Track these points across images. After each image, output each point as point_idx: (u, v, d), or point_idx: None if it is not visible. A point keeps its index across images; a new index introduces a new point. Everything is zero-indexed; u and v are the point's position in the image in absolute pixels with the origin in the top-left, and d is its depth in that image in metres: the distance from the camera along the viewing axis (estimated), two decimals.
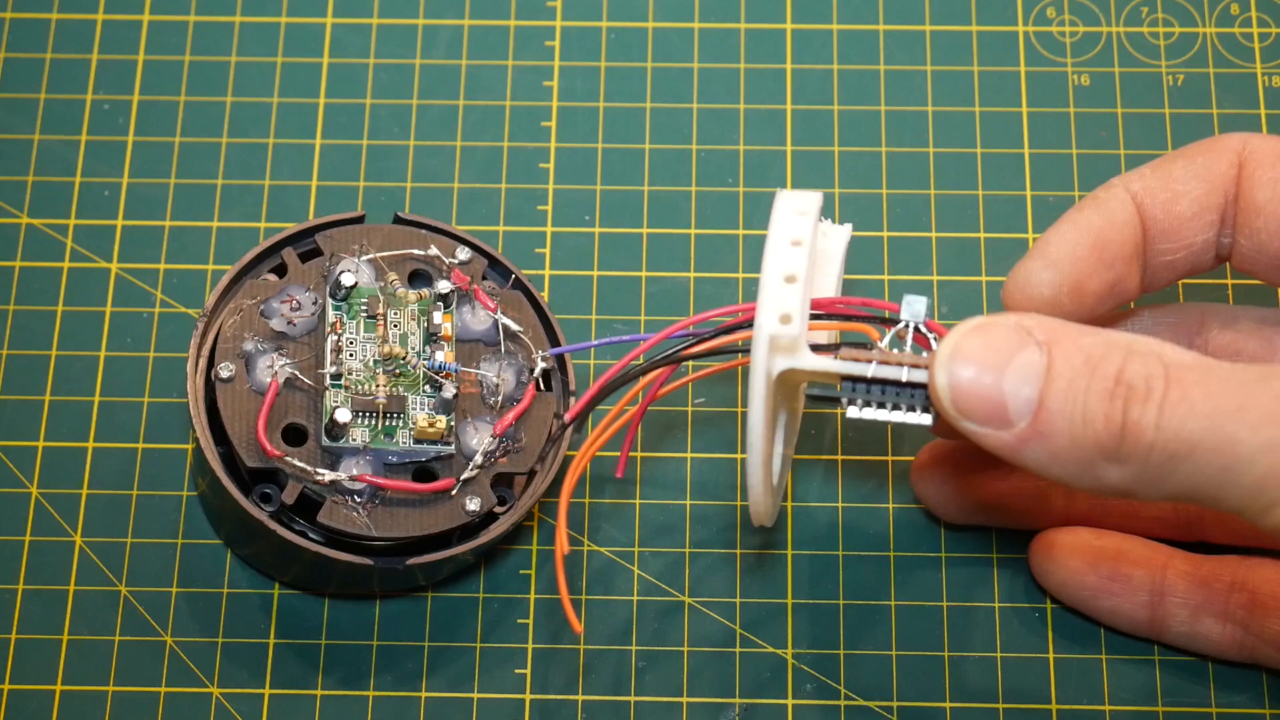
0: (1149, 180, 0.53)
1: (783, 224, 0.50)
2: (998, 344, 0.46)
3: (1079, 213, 0.52)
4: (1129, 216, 0.52)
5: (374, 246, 0.57)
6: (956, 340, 0.47)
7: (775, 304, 0.49)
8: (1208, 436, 0.45)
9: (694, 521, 0.59)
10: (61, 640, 0.58)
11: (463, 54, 0.66)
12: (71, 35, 0.66)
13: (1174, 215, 0.52)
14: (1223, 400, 0.45)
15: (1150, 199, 0.52)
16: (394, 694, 0.57)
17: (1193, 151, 0.53)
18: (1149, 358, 0.46)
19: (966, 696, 0.57)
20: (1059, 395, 0.46)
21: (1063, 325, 0.47)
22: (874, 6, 0.66)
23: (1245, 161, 0.52)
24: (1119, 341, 0.46)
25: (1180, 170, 0.52)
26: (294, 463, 0.54)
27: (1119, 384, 0.45)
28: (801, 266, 0.49)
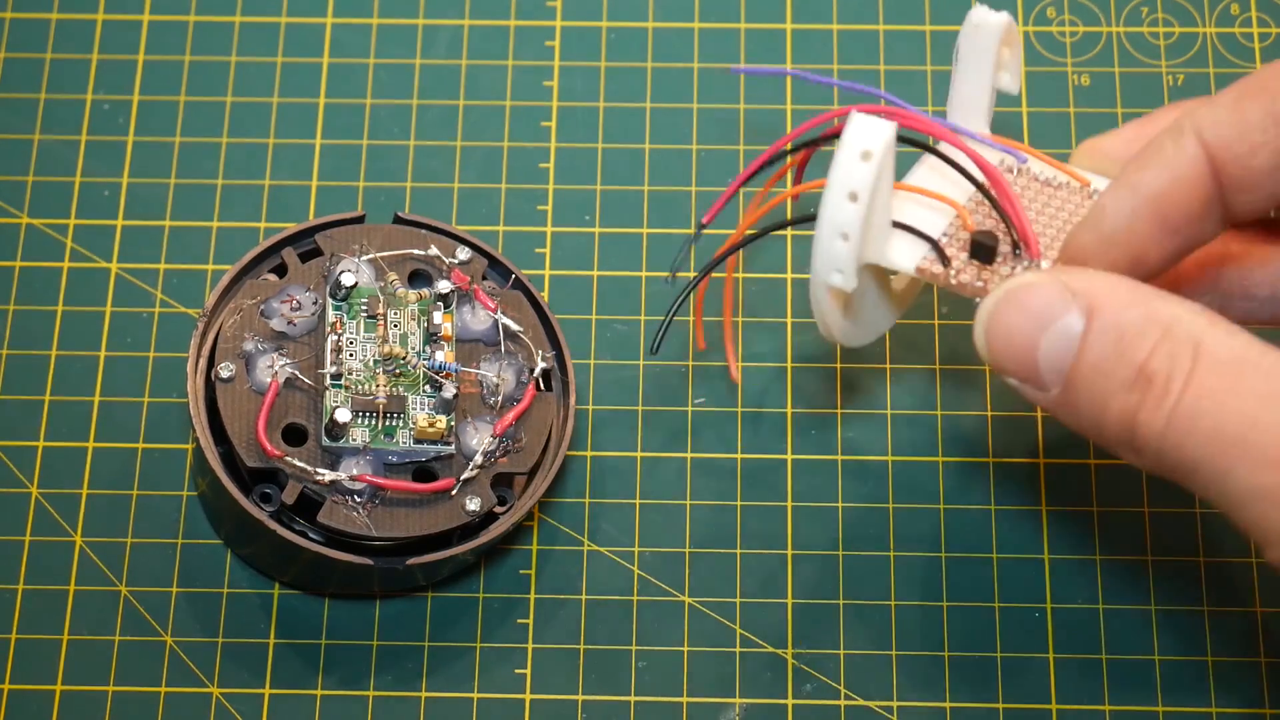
0: (1223, 128, 0.47)
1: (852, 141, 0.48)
2: (1038, 307, 0.46)
3: (1141, 172, 0.47)
4: (1199, 174, 0.47)
5: (374, 246, 0.57)
6: (997, 303, 0.46)
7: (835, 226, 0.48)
8: (1206, 463, 0.44)
9: (694, 521, 0.59)
10: (61, 640, 0.58)
11: (463, 54, 0.66)
12: (71, 35, 0.66)
13: (1252, 170, 0.47)
14: (1231, 423, 0.43)
15: (1224, 151, 0.47)
16: (394, 694, 0.57)
17: (1270, 85, 0.46)
18: (1183, 345, 0.44)
19: (966, 696, 0.57)
20: (1085, 375, 0.45)
21: (1110, 288, 0.45)
22: (874, 6, 0.66)
23: None
24: (1162, 317, 0.44)
25: (1257, 115, 0.46)
26: (294, 463, 0.54)
27: (1140, 375, 0.44)
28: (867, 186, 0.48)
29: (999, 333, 0.46)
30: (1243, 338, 0.44)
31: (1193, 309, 0.45)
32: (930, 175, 0.52)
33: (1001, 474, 0.60)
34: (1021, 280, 0.46)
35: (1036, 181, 0.52)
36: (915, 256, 0.50)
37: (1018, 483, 0.60)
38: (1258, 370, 0.43)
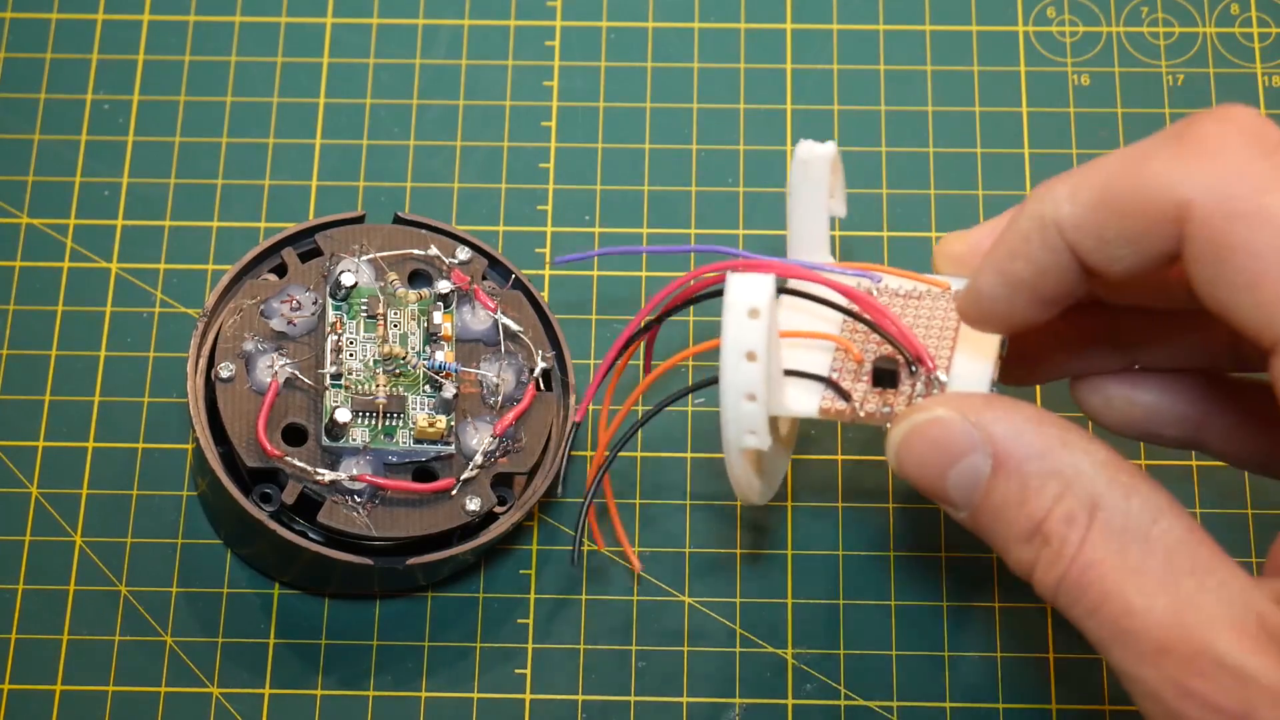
0: (1082, 235, 0.45)
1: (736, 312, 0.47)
2: (945, 443, 0.46)
3: (1011, 262, 0.47)
4: (1066, 263, 0.46)
5: (374, 246, 0.57)
6: (905, 434, 0.47)
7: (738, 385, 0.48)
8: (1090, 633, 0.44)
9: (694, 521, 0.59)
10: (61, 640, 0.58)
11: (463, 54, 0.66)
12: (71, 35, 0.66)
13: (1113, 274, 0.46)
14: (1112, 606, 0.44)
15: (1083, 251, 0.46)
16: (394, 694, 0.57)
17: (1126, 196, 0.45)
18: (1080, 505, 0.44)
19: (966, 696, 0.57)
20: (989, 516, 0.46)
21: (1016, 434, 0.46)
22: (874, 6, 0.66)
23: (1189, 235, 0.44)
24: (1064, 471, 0.45)
25: (1113, 231, 0.45)
26: (294, 463, 0.54)
27: (1037, 533, 0.45)
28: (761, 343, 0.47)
29: (909, 460, 0.47)
30: (1138, 500, 0.44)
31: (1095, 459, 0.45)
32: (795, 316, 0.52)
33: None
34: (929, 414, 0.47)
35: (898, 296, 0.52)
36: (814, 400, 0.50)
37: None
38: (1144, 545, 0.44)
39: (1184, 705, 0.43)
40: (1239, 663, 0.42)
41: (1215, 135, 0.44)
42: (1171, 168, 0.44)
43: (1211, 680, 0.42)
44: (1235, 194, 0.43)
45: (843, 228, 0.63)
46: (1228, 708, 0.42)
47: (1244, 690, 0.42)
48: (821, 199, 0.53)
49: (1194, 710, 0.42)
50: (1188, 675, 0.43)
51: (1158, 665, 0.43)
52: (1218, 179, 0.43)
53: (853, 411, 0.50)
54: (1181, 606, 0.43)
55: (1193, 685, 0.42)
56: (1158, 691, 0.43)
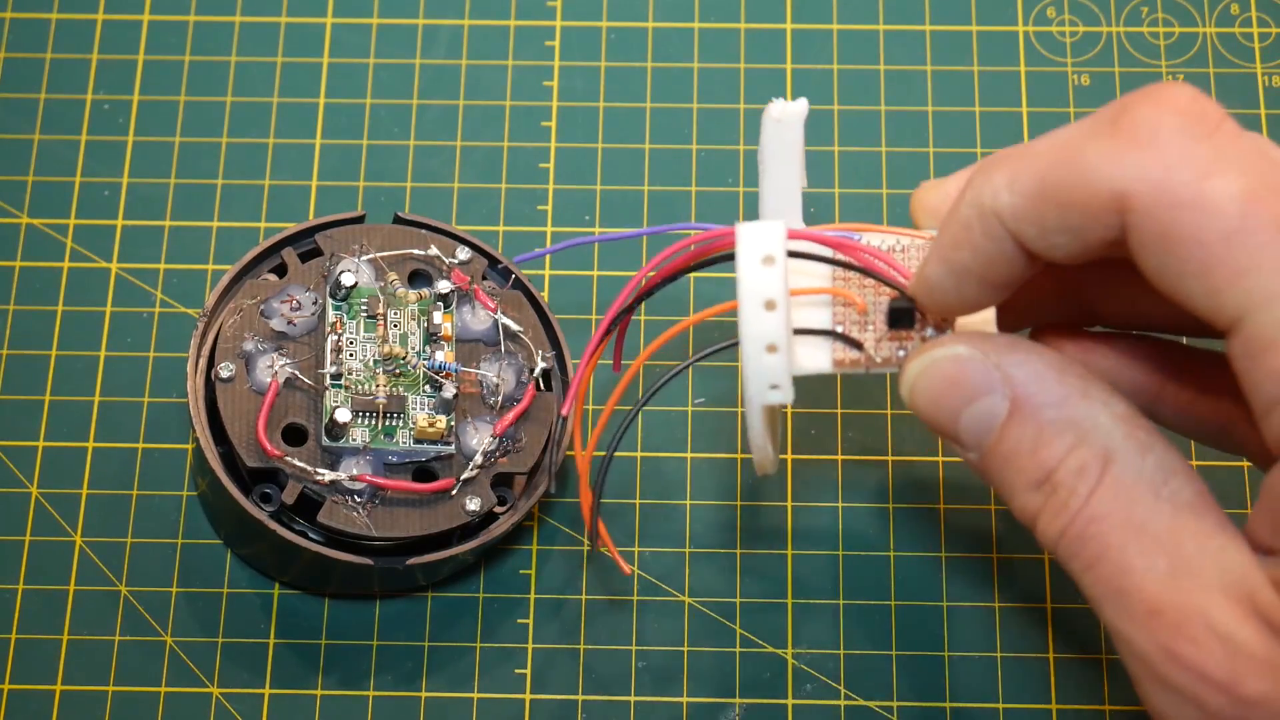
0: (1023, 224, 0.44)
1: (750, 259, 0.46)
2: (964, 382, 0.46)
3: (955, 251, 0.45)
4: (1009, 250, 0.45)
5: (374, 246, 0.57)
6: (924, 368, 0.46)
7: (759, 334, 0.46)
8: (1086, 587, 0.44)
9: (694, 521, 0.59)
10: (61, 640, 0.58)
11: (463, 54, 0.66)
12: (71, 35, 0.66)
13: (1055, 259, 0.45)
14: (1110, 563, 0.43)
15: (1025, 238, 0.44)
16: (394, 694, 0.57)
17: (1064, 187, 0.43)
18: (1094, 456, 0.44)
19: (966, 696, 0.57)
20: (1000, 461, 0.45)
21: (1037, 379, 0.45)
22: (874, 6, 0.66)
23: (1131, 224, 0.43)
24: (1080, 421, 0.44)
25: (1053, 220, 0.44)
26: (294, 463, 0.54)
27: (1048, 481, 0.44)
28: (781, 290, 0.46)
29: (923, 397, 0.46)
30: (1153, 458, 0.44)
31: (1114, 412, 0.44)
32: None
33: None
34: (949, 350, 0.46)
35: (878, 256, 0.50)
36: (825, 355, 0.49)
37: None
38: (1152, 504, 0.43)
39: (1170, 669, 0.42)
40: (1229, 630, 0.42)
41: (1151, 120, 0.43)
42: (1108, 158, 0.42)
43: (1201, 646, 0.42)
44: (1175, 182, 0.42)
45: None
46: (1214, 675, 0.42)
47: (1232, 658, 0.42)
48: (796, 160, 0.51)
49: (1180, 675, 0.42)
50: (1177, 639, 0.42)
51: (1148, 627, 0.43)
52: (1156, 168, 0.42)
53: (868, 359, 0.48)
54: (1179, 570, 0.43)
55: (1181, 650, 0.42)
56: (1146, 653, 0.43)
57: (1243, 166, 0.41)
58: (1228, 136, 0.42)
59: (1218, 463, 0.60)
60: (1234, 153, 0.42)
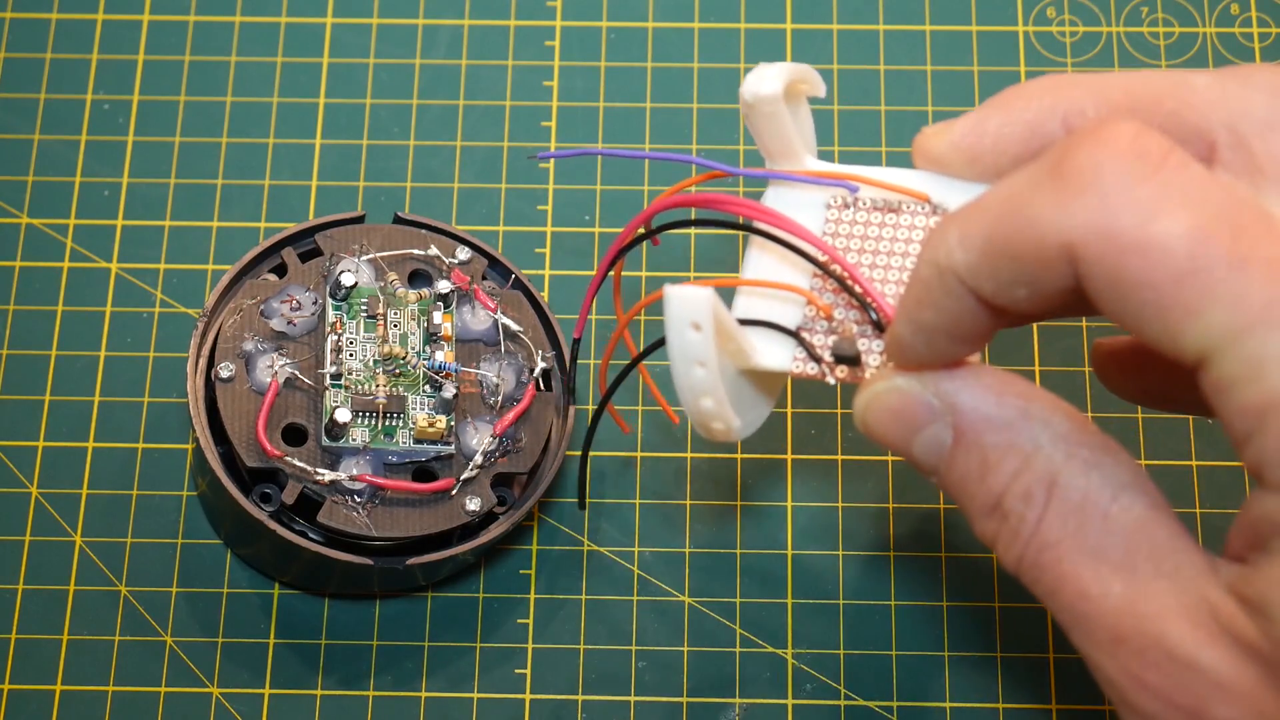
0: (978, 279, 0.43)
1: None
2: (905, 414, 0.46)
3: (920, 311, 0.45)
4: (973, 307, 0.44)
5: (374, 246, 0.57)
6: (867, 403, 0.46)
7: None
8: (1053, 614, 0.44)
9: (694, 522, 0.59)
10: (61, 640, 0.58)
11: (463, 54, 0.66)
12: (71, 35, 0.66)
13: (1019, 312, 0.44)
14: (1067, 589, 0.43)
15: (985, 294, 0.43)
16: (394, 694, 0.57)
17: (1012, 241, 0.42)
18: (1038, 481, 0.44)
19: (966, 696, 0.57)
20: (954, 487, 0.45)
21: (975, 403, 0.45)
22: (874, 6, 0.66)
23: (1083, 273, 0.41)
24: (1023, 445, 0.44)
25: (1007, 274, 0.43)
26: (294, 463, 0.54)
27: (996, 509, 0.44)
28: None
29: (874, 429, 0.46)
30: (1098, 475, 0.43)
31: (1054, 431, 0.44)
32: (764, 256, 0.51)
33: None
34: (889, 385, 0.46)
35: (875, 210, 0.50)
36: (786, 354, 0.49)
37: None
38: (1102, 524, 0.43)
39: (1140, 698, 0.42)
40: (1191, 655, 0.41)
41: (1091, 164, 0.41)
42: (1052, 209, 0.41)
43: (1165, 673, 0.42)
44: (1120, 227, 0.40)
45: None
46: (1181, 702, 0.41)
47: (1196, 685, 0.41)
48: (783, 122, 0.51)
49: (1149, 703, 0.42)
50: (1142, 667, 0.42)
51: (1113, 654, 0.42)
52: (1100, 215, 0.41)
53: (822, 375, 0.48)
54: (1136, 594, 0.42)
55: (1147, 678, 0.42)
56: (1115, 680, 0.42)
57: (1189, 203, 0.40)
58: (1172, 171, 0.41)
59: (1220, 464, 0.60)
60: (1179, 189, 0.40)
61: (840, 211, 0.50)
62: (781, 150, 0.51)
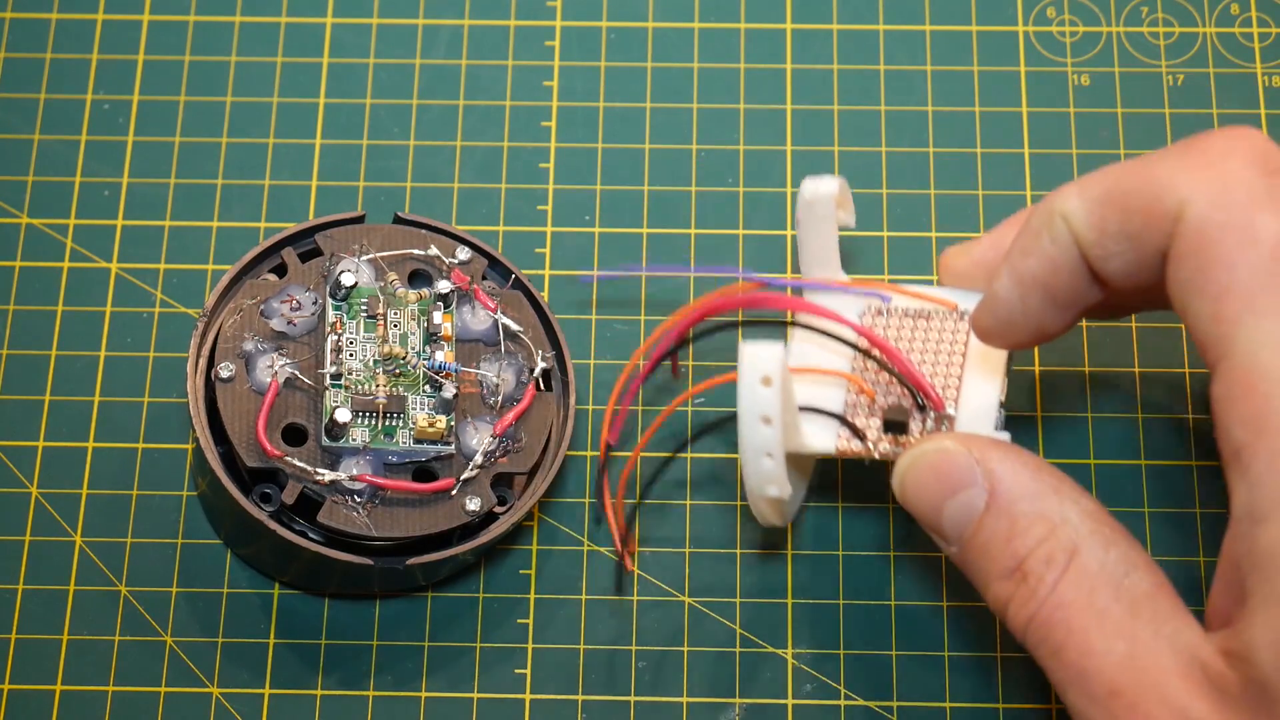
0: (1084, 229, 0.48)
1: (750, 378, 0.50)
2: (947, 474, 0.49)
3: (1024, 259, 0.49)
4: (1074, 259, 0.48)
5: (374, 246, 0.57)
6: (912, 460, 0.50)
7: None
8: (1052, 672, 0.47)
9: (694, 521, 0.59)
10: (61, 640, 0.58)
11: (463, 54, 0.66)
12: (71, 35, 0.66)
13: (1107, 270, 0.48)
14: (1074, 645, 0.47)
15: (1085, 244, 0.48)
16: (394, 694, 0.57)
17: (1129, 192, 0.47)
18: (1061, 549, 0.47)
19: (966, 696, 0.57)
20: (977, 551, 0.49)
21: (1013, 474, 0.48)
22: (874, 6, 0.66)
23: (1179, 233, 0.46)
24: (1051, 515, 0.48)
25: (1113, 227, 0.47)
26: (294, 463, 0.54)
27: (1018, 569, 0.48)
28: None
29: (911, 488, 0.50)
30: (1116, 552, 0.47)
31: (1082, 508, 0.48)
32: (808, 347, 0.54)
33: None
34: (937, 445, 0.50)
35: (907, 317, 0.55)
36: (831, 437, 0.53)
37: None
38: (1113, 592, 0.47)
39: None
40: (1183, 705, 0.45)
41: (1221, 147, 0.45)
42: (1174, 171, 0.45)
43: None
44: (1228, 203, 0.44)
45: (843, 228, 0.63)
46: None
47: None
48: (830, 229, 0.55)
49: None
50: (1134, 716, 0.45)
51: (1108, 706, 0.46)
52: (1215, 185, 0.45)
53: (868, 450, 0.52)
54: (1137, 652, 0.46)
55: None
56: None
57: None
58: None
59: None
60: None
61: (874, 318, 0.55)
62: (822, 255, 0.56)
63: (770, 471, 0.51)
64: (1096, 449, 0.60)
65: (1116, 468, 0.60)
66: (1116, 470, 0.60)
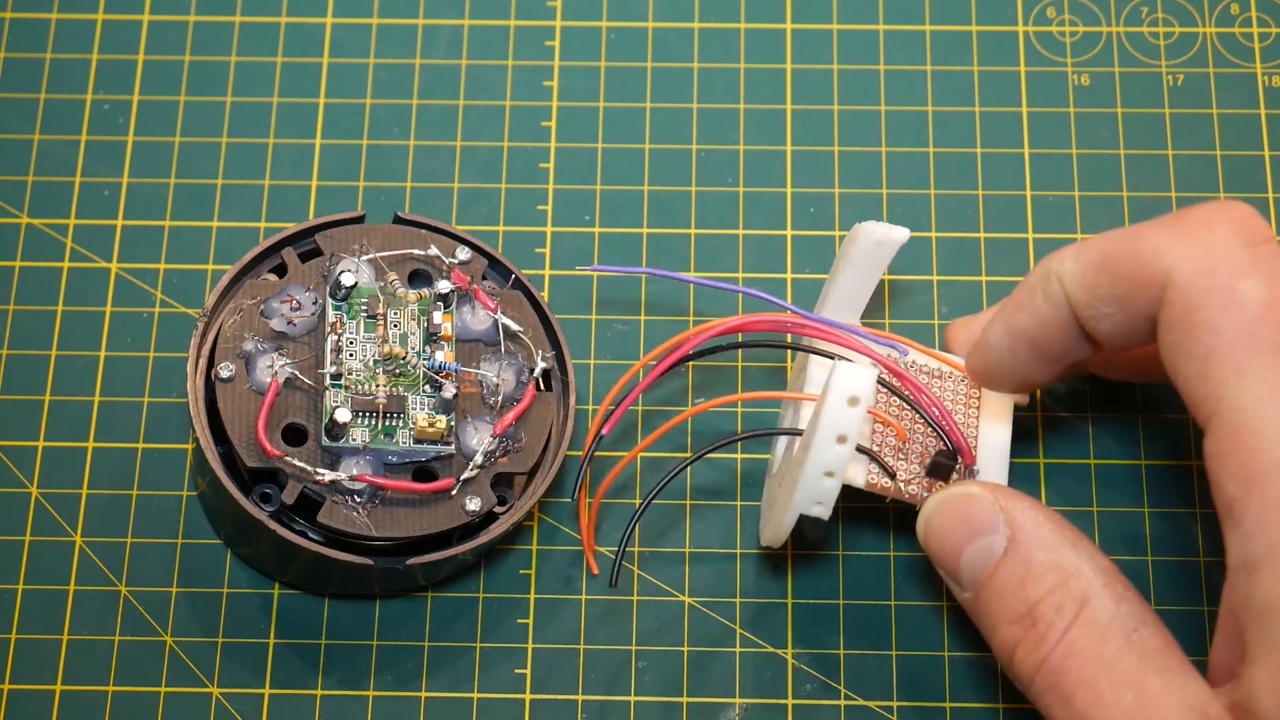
0: (1076, 290, 0.51)
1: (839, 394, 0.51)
2: (971, 518, 0.51)
3: (1016, 314, 0.52)
4: (1065, 319, 0.51)
5: (374, 246, 0.57)
6: (940, 502, 0.52)
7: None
8: (1056, 712, 0.49)
9: (694, 521, 0.59)
10: (61, 640, 0.58)
11: (463, 54, 0.66)
12: (71, 35, 0.66)
13: (1099, 331, 0.51)
14: (1081, 696, 0.48)
15: (1077, 306, 0.51)
16: (394, 694, 0.57)
17: (1121, 259, 0.50)
18: (1072, 598, 0.49)
19: (966, 696, 0.57)
20: (992, 594, 0.51)
21: (1034, 525, 0.50)
22: (874, 6, 0.66)
23: (1167, 300, 0.48)
24: (1065, 566, 0.50)
25: (1104, 291, 0.50)
26: (294, 463, 0.54)
27: (1029, 614, 0.50)
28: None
29: (935, 530, 0.52)
30: (1126, 607, 0.49)
31: (1096, 564, 0.50)
32: (822, 371, 0.55)
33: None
34: (964, 489, 0.52)
35: (923, 373, 0.56)
36: (861, 471, 0.54)
37: (1020, 482, 0.60)
38: (1122, 645, 0.48)
39: None
40: None
41: (1207, 219, 0.48)
42: (1163, 240, 0.48)
43: None
44: (1212, 270, 0.47)
45: (843, 228, 0.63)
46: None
47: None
48: (875, 275, 0.56)
49: None
50: None
51: None
52: (1201, 254, 0.47)
53: (897, 490, 0.54)
54: (1145, 703, 0.47)
55: None
56: None
57: (1273, 279, 0.47)
58: (1270, 252, 0.47)
59: None
60: (1270, 266, 0.47)
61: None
62: (855, 298, 0.57)
63: (825, 490, 0.52)
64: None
65: (1119, 468, 0.60)
66: (1122, 470, 0.60)
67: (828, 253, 0.63)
